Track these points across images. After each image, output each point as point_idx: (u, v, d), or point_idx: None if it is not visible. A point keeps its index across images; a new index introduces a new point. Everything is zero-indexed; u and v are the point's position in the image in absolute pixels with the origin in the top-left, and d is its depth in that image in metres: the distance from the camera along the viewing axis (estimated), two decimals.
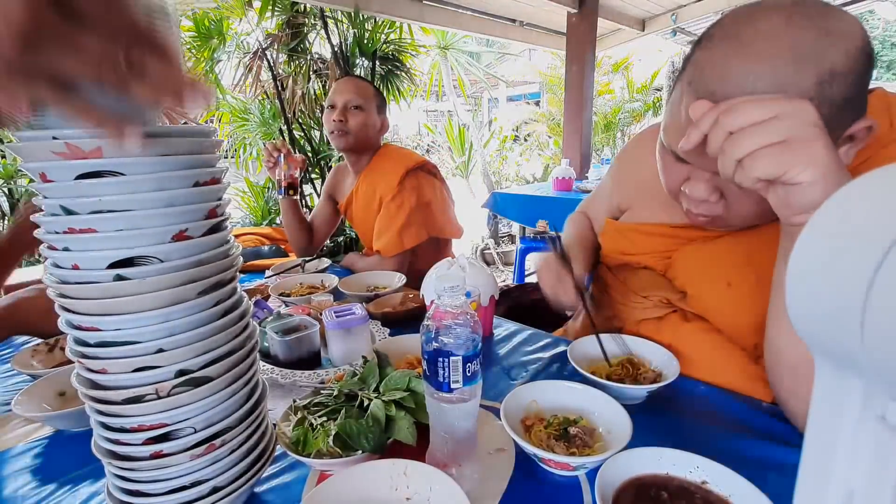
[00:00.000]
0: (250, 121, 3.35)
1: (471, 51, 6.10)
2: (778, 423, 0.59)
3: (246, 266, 1.46)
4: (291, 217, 1.53)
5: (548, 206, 2.65)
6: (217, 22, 3.06)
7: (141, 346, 0.38)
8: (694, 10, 3.54)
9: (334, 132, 1.42)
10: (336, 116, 1.39)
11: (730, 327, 0.69)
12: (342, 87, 1.43)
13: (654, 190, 0.81)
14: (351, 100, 1.40)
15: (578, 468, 0.50)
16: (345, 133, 1.41)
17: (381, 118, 1.48)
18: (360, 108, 1.41)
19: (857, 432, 0.20)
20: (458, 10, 3.28)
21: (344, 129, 1.40)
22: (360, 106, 1.41)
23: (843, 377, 0.20)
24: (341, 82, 1.46)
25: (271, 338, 0.76)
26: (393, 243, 1.39)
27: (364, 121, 1.42)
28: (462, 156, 6.37)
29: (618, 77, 6.71)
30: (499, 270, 4.36)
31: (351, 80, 1.47)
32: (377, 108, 1.46)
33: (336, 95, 1.42)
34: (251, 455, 0.47)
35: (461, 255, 0.91)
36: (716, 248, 0.70)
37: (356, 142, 1.43)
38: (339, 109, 1.40)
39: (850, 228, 0.19)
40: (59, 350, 0.82)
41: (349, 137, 1.42)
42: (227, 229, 0.45)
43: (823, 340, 0.20)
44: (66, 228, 0.36)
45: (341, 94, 1.41)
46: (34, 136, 0.34)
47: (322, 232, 1.66)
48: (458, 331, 0.45)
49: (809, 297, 0.20)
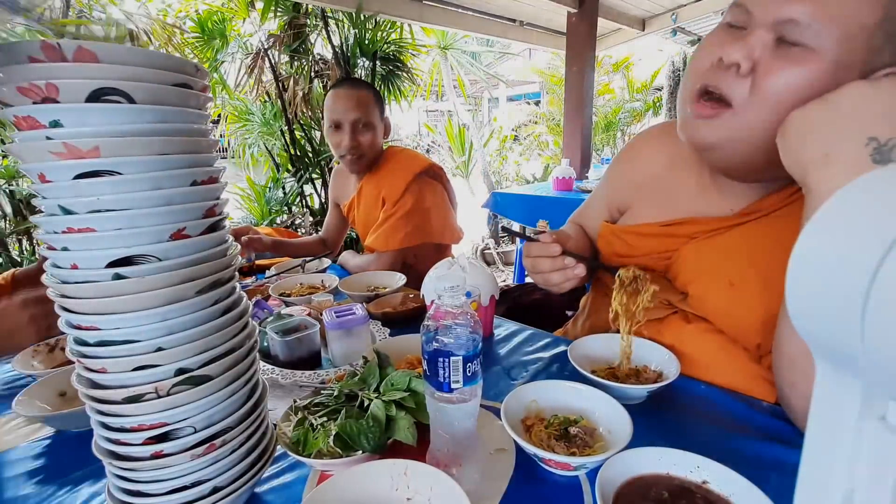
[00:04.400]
0: (252, 121, 3.36)
1: (471, 51, 6.10)
2: (778, 422, 0.59)
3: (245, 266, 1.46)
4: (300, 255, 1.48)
5: (548, 206, 2.65)
6: (220, 23, 3.07)
7: (140, 345, 0.39)
8: (694, 10, 3.53)
9: (347, 156, 1.34)
10: (348, 142, 1.31)
11: (733, 328, 0.68)
12: (344, 105, 1.32)
13: (653, 189, 0.81)
14: (358, 118, 1.32)
15: (579, 468, 0.50)
16: (360, 156, 1.35)
17: (383, 122, 1.43)
18: (368, 125, 1.33)
19: (857, 432, 0.20)
20: (459, 10, 3.29)
21: (359, 153, 1.34)
22: (369, 123, 1.33)
23: (843, 377, 0.20)
24: (340, 97, 1.34)
25: (271, 338, 0.76)
26: (383, 241, 1.37)
27: (375, 137, 1.36)
28: (462, 155, 6.37)
29: (618, 77, 6.71)
30: (499, 270, 4.36)
31: (350, 92, 1.35)
32: (380, 115, 1.40)
33: (339, 114, 1.32)
34: (251, 455, 0.47)
35: (461, 254, 0.91)
36: (716, 246, 0.70)
37: (370, 160, 1.39)
38: (349, 133, 1.31)
39: (851, 228, 0.19)
40: (59, 350, 0.82)
41: (364, 160, 1.36)
42: (226, 228, 0.45)
43: (823, 340, 0.20)
44: (65, 228, 0.36)
45: (345, 113, 1.31)
46: (32, 136, 0.34)
47: (335, 240, 1.66)
48: (459, 331, 0.45)
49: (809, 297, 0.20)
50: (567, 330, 0.99)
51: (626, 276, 0.68)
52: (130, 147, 0.36)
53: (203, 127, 0.42)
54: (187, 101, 0.40)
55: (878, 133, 0.46)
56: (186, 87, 0.39)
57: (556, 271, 0.70)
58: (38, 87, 0.33)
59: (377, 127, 1.38)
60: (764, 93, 0.55)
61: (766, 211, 0.67)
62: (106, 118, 0.35)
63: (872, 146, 0.46)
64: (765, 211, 0.67)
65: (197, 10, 3.09)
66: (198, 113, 0.41)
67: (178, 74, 0.38)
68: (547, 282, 0.73)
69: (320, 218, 3.33)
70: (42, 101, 0.33)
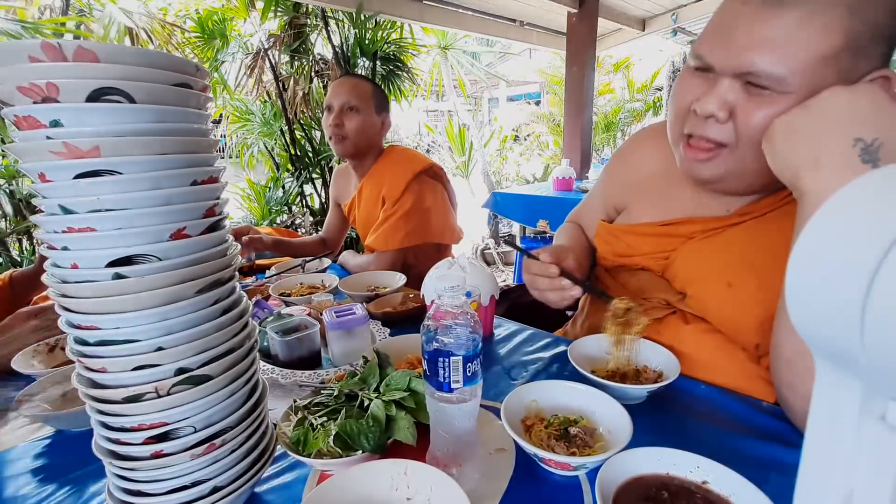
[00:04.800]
0: (252, 121, 3.36)
1: (471, 51, 6.10)
2: (778, 422, 0.59)
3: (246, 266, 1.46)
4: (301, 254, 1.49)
5: (548, 206, 2.65)
6: (220, 23, 3.07)
7: (140, 345, 0.39)
8: (694, 10, 3.54)
9: (332, 138, 1.37)
10: (332, 121, 1.34)
11: (731, 328, 0.68)
12: (337, 89, 1.37)
13: (649, 189, 0.81)
14: (346, 101, 1.34)
15: (579, 468, 0.50)
16: (342, 138, 1.36)
17: (381, 117, 1.42)
18: (355, 109, 1.35)
19: (857, 432, 0.19)
20: (459, 10, 3.29)
21: (341, 134, 1.35)
22: (356, 107, 1.35)
23: (843, 377, 0.20)
24: (337, 83, 1.40)
25: (272, 338, 0.76)
26: (383, 240, 1.37)
27: (361, 123, 1.36)
28: (462, 155, 6.37)
29: (618, 77, 6.71)
30: (499, 270, 4.36)
31: (347, 79, 1.41)
32: (376, 108, 1.40)
33: (331, 98, 1.36)
34: (251, 455, 0.47)
35: (461, 254, 0.91)
36: (714, 247, 0.70)
37: (355, 147, 1.38)
38: (335, 113, 1.34)
39: (850, 228, 0.19)
40: (59, 350, 0.82)
41: (347, 143, 1.36)
42: (226, 228, 0.45)
43: (823, 340, 0.20)
44: (66, 228, 0.36)
45: (336, 96, 1.35)
46: (32, 135, 0.34)
47: (335, 240, 1.66)
48: (459, 331, 0.45)
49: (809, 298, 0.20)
50: (567, 330, 0.99)
51: (619, 309, 0.70)
52: (130, 147, 0.36)
53: (203, 127, 0.42)
54: (187, 101, 0.40)
55: (863, 134, 0.48)
56: (187, 86, 0.39)
57: (552, 291, 0.72)
58: (38, 87, 0.33)
59: (367, 115, 1.37)
60: (750, 131, 0.57)
61: (761, 212, 0.67)
62: (106, 118, 0.35)
63: (860, 146, 0.48)
64: (760, 212, 0.67)
65: (197, 10, 3.09)
66: (198, 113, 0.41)
67: (178, 74, 0.38)
68: (544, 299, 0.75)
69: (320, 218, 3.33)
70: (42, 101, 0.33)
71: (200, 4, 3.08)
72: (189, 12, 3.13)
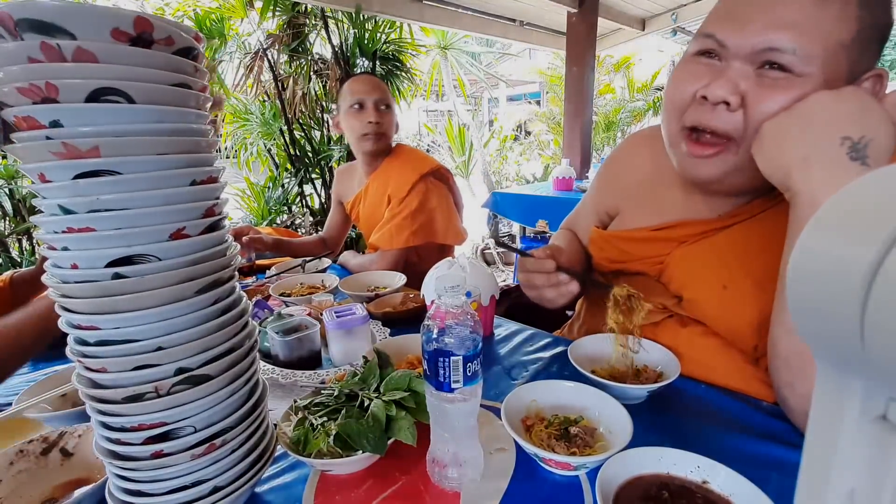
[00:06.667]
0: (251, 121, 3.35)
1: (471, 51, 6.10)
2: (778, 422, 0.59)
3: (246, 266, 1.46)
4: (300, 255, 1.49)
5: (548, 206, 2.66)
6: (219, 22, 3.06)
7: (140, 345, 0.39)
8: (694, 10, 3.54)
9: (369, 134, 1.36)
10: (373, 118, 1.33)
11: (728, 330, 0.68)
12: (368, 87, 1.35)
13: (643, 193, 0.81)
14: (381, 98, 1.35)
15: (579, 468, 0.50)
16: (381, 134, 1.36)
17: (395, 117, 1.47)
18: (389, 107, 1.37)
19: (857, 432, 0.19)
20: (459, 10, 3.29)
21: (380, 131, 1.36)
22: (389, 104, 1.37)
23: (843, 377, 0.20)
24: (363, 80, 1.39)
25: (272, 338, 0.76)
26: (388, 239, 1.38)
27: (393, 120, 1.39)
28: (462, 155, 6.37)
29: (619, 77, 6.71)
30: (499, 270, 4.36)
31: (371, 77, 1.42)
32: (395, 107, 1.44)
33: (361, 94, 1.35)
34: (252, 455, 0.47)
35: (461, 254, 0.91)
36: (707, 250, 0.70)
37: (387, 145, 1.40)
38: (372, 110, 1.34)
39: (850, 228, 0.19)
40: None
41: (383, 140, 1.38)
42: (225, 228, 0.45)
43: (823, 340, 0.20)
44: (65, 228, 0.36)
45: (369, 93, 1.34)
46: (31, 136, 0.34)
47: (335, 240, 1.66)
48: (459, 331, 0.45)
49: (809, 297, 0.20)
50: (564, 333, 0.99)
51: (620, 296, 0.69)
52: (130, 147, 0.36)
53: (202, 127, 0.42)
54: (186, 101, 0.40)
55: (850, 132, 0.49)
56: (186, 86, 0.39)
57: (550, 287, 0.72)
58: (37, 87, 0.33)
59: (395, 114, 1.41)
60: (763, 118, 0.56)
61: (752, 213, 0.67)
62: (105, 118, 0.35)
63: (847, 145, 0.49)
64: (750, 214, 0.67)
65: (194, 9, 3.08)
66: (197, 113, 0.41)
67: (177, 74, 0.38)
68: (541, 297, 0.74)
69: (320, 218, 3.33)
70: (42, 101, 0.33)
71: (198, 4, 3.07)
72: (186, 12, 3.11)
